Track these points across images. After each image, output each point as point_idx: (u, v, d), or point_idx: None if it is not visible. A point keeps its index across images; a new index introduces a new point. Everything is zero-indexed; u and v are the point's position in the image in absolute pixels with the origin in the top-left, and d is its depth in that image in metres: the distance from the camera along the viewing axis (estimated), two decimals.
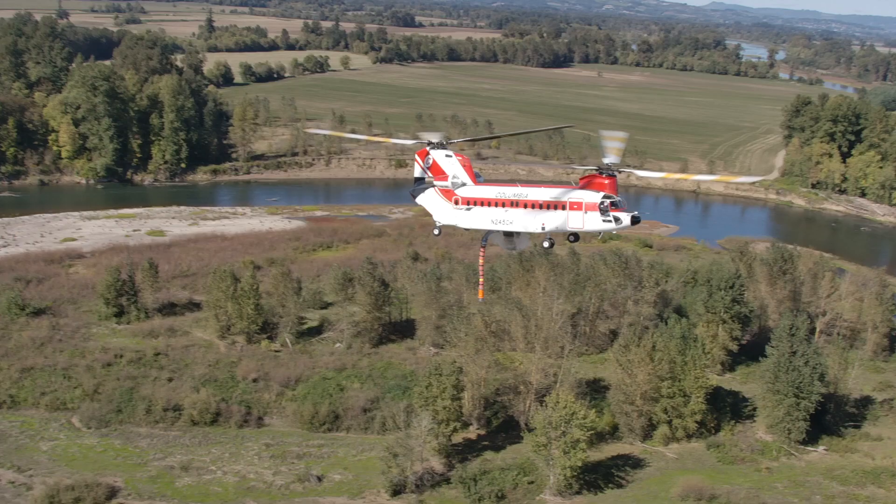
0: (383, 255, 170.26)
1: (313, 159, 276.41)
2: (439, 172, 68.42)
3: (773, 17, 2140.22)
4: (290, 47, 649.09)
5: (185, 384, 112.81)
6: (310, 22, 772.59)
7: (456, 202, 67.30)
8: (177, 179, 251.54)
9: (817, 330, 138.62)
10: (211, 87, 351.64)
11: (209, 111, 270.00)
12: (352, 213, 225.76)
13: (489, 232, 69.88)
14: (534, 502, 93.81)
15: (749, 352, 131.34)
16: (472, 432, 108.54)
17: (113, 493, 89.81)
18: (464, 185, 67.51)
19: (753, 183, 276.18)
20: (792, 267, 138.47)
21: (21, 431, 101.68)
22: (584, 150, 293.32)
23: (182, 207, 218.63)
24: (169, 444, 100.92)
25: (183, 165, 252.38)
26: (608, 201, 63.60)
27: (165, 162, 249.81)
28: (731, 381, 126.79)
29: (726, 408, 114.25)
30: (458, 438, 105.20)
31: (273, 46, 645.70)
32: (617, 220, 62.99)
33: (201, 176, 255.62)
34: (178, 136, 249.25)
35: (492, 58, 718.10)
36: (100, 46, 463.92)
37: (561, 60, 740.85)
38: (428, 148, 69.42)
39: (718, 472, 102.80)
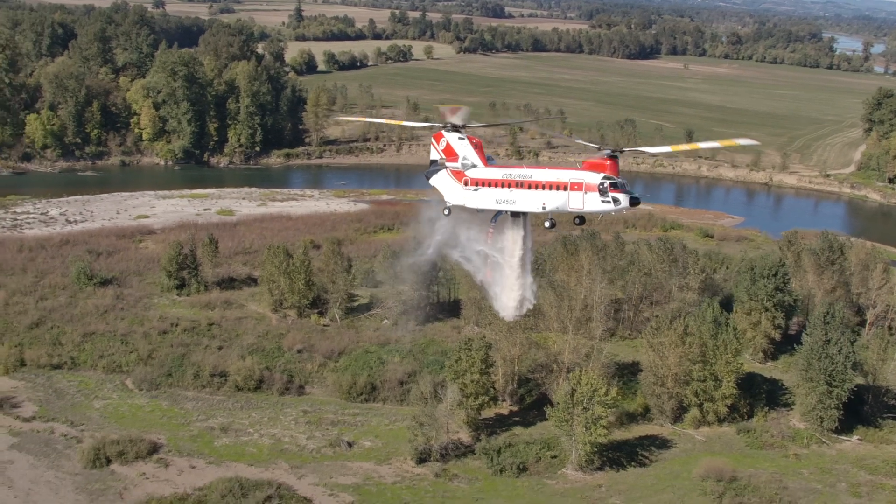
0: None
1: (384, 145, 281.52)
2: (452, 154, 71.62)
3: (875, 9, 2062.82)
4: (377, 36, 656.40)
5: (233, 352, 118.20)
6: (397, 12, 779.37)
7: (466, 183, 70.44)
8: (251, 162, 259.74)
9: (868, 322, 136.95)
10: (292, 74, 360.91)
11: (286, 97, 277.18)
12: (417, 197, 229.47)
13: (497, 213, 72.79)
14: (555, 476, 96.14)
15: (794, 341, 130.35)
16: (505, 408, 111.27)
17: (155, 448, 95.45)
18: (474, 166, 70.56)
19: (746, 146, 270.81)
20: (841, 257, 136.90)
21: (78, 390, 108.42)
22: (655, 141, 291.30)
23: (253, 189, 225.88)
24: (212, 407, 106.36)
25: (257, 149, 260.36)
26: (608, 182, 66.05)
27: (240, 145, 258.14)
28: (772, 370, 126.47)
29: (762, 394, 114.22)
30: (490, 413, 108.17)
31: (360, 36, 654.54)
32: (616, 200, 65.50)
33: (275, 159, 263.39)
34: (253, 120, 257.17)
35: (577, 49, 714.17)
36: (190, 34, 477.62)
37: (647, 52, 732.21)
38: (443, 131, 72.60)
39: (745, 456, 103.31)
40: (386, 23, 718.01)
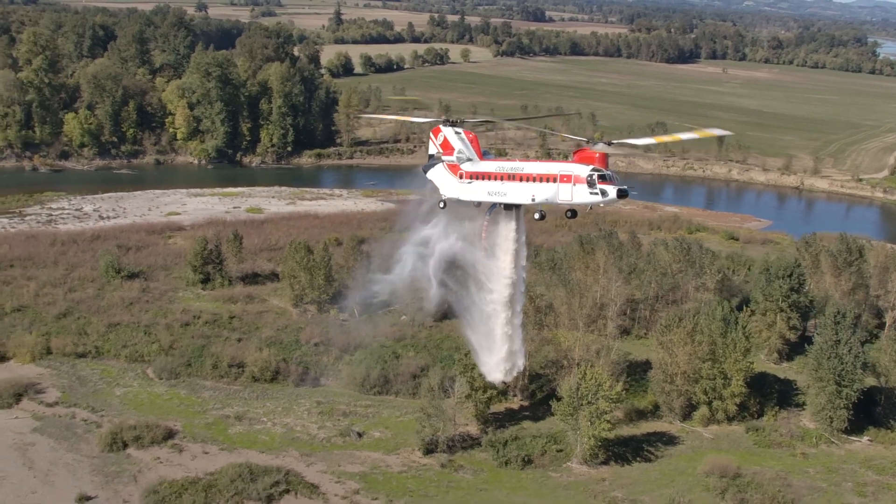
0: None
1: (415, 146, 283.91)
2: (449, 148, 73.68)
3: None
4: (416, 40, 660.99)
5: (251, 344, 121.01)
6: (435, 15, 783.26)
7: (461, 176, 72.42)
8: (283, 162, 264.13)
9: (887, 324, 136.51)
10: (326, 76, 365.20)
11: (319, 98, 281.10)
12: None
13: (493, 205, 74.64)
14: (560, 469, 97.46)
15: (811, 343, 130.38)
16: (516, 403, 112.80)
17: (171, 434, 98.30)
18: (469, 160, 72.49)
19: (721, 137, 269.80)
20: (859, 259, 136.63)
21: (100, 378, 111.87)
22: (685, 144, 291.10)
23: (283, 188, 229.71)
24: (229, 397, 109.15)
25: (289, 149, 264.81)
26: (596, 174, 67.53)
27: (272, 145, 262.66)
28: (786, 371, 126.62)
29: (773, 394, 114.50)
30: (500, 408, 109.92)
31: (398, 39, 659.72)
32: (604, 192, 66.99)
33: (306, 159, 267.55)
34: (285, 120, 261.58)
35: (615, 53, 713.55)
36: (230, 37, 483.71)
37: (686, 56, 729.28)
38: (440, 126, 74.67)
39: (752, 454, 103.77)
40: (425, 26, 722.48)
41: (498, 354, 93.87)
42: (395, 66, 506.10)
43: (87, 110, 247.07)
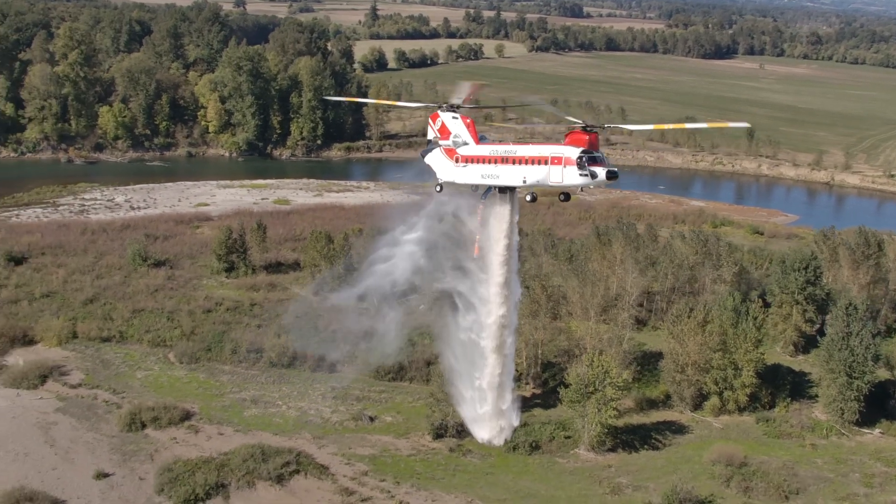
0: None
1: None
2: (446, 133, 75.30)
3: None
4: (451, 35, 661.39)
5: (270, 331, 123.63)
6: (471, 11, 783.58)
7: (457, 160, 73.98)
8: (312, 155, 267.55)
9: None
10: (359, 71, 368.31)
11: (349, 92, 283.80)
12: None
13: (487, 189, 76.13)
14: (567, 455, 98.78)
15: None
16: (528, 391, 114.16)
17: (188, 416, 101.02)
18: (465, 144, 74.03)
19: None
20: (878, 252, 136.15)
21: (123, 361, 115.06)
22: (715, 139, 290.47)
23: (311, 180, 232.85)
24: (246, 381, 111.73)
25: (319, 142, 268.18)
26: (586, 156, 68.69)
27: (302, 138, 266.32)
28: (802, 363, 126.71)
29: (786, 386, 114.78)
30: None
31: (434, 34, 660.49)
32: (593, 174, 68.11)
33: (335, 152, 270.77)
34: (315, 114, 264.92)
35: (651, 48, 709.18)
36: (266, 32, 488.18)
37: (724, 52, 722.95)
38: (439, 111, 76.29)
39: (760, 443, 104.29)
40: (460, 22, 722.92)
41: (486, 407, 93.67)
42: (428, 62, 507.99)
43: (121, 103, 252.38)
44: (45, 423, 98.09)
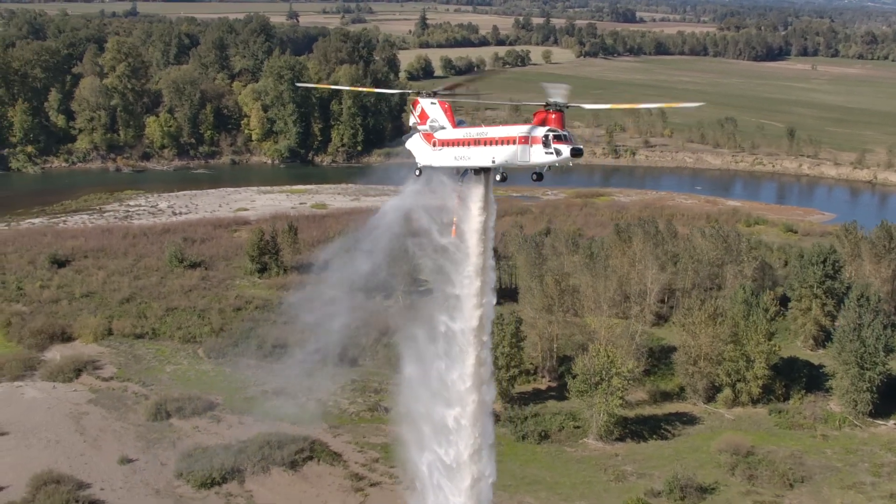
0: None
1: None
2: (425, 118, 78.23)
3: None
4: (500, 43, 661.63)
5: (296, 327, 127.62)
6: (520, 18, 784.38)
7: (434, 144, 76.66)
8: (353, 161, 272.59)
9: None
10: (403, 78, 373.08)
11: (391, 99, 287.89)
12: (506, 193, 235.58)
13: (465, 172, 78.78)
14: (575, 444, 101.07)
15: None
16: (543, 383, 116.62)
17: (211, 406, 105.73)
18: (442, 128, 76.82)
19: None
20: None
21: (154, 356, 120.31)
22: (756, 139, 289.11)
23: (349, 185, 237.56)
24: (270, 374, 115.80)
25: (359, 148, 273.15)
26: (552, 135, 70.83)
27: (343, 145, 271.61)
28: (821, 357, 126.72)
29: (801, 378, 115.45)
30: (528, 387, 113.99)
31: (483, 42, 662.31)
32: (558, 152, 69.90)
33: (375, 158, 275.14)
34: (354, 121, 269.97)
35: (702, 51, 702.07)
36: (315, 43, 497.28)
37: (776, 54, 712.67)
38: (418, 98, 79.29)
39: (771, 434, 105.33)
40: (510, 29, 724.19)
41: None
42: (474, 69, 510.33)
43: (167, 114, 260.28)
44: (77, 413, 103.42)
